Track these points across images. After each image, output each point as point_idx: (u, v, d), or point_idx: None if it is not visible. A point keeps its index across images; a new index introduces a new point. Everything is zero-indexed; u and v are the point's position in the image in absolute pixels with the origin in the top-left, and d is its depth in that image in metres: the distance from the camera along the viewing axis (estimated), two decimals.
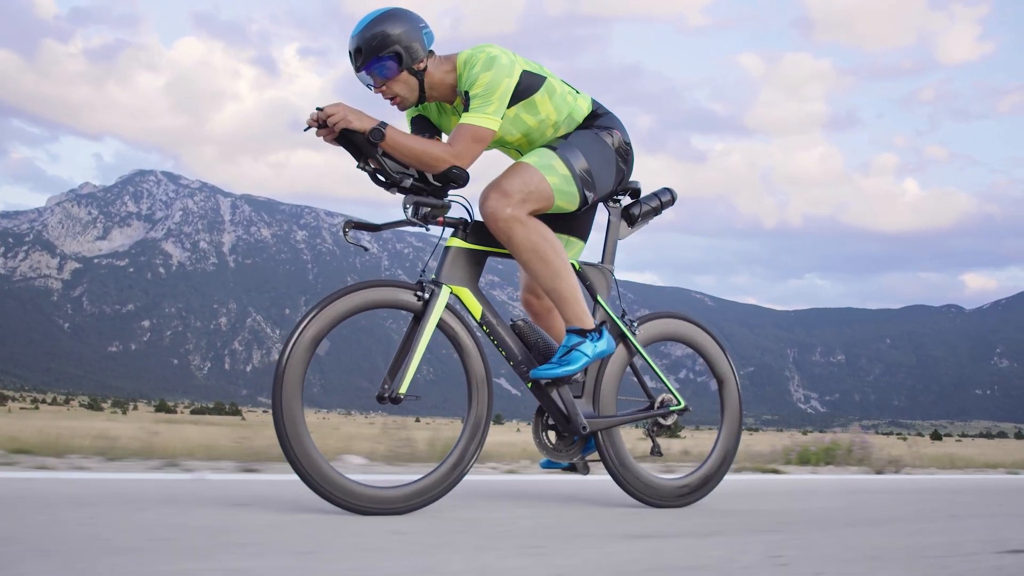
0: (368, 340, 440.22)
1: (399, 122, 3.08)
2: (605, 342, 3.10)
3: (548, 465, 3.28)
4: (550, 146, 3.09)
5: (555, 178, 3.02)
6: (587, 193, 3.10)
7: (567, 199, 3.07)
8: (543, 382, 3.05)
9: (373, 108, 2.93)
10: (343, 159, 2.85)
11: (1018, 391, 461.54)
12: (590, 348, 3.04)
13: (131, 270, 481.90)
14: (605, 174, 3.13)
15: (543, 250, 2.97)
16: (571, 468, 3.22)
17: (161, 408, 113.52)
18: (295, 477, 2.76)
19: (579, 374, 3.12)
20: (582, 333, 3.05)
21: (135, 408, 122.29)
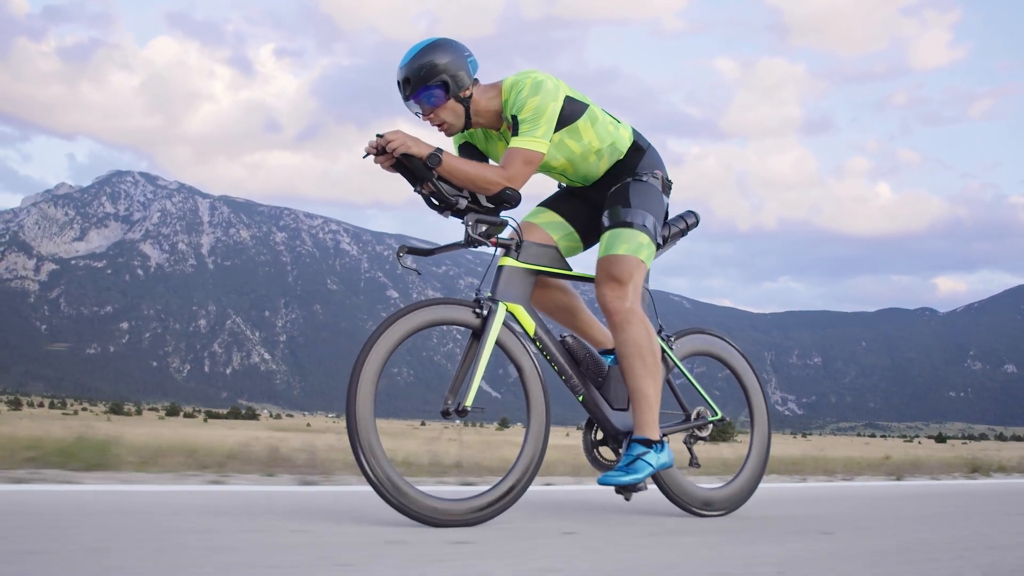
0: (349, 343, 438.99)
1: (450, 147, 3.33)
2: (666, 455, 3.21)
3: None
4: (625, 222, 3.22)
5: (644, 252, 3.21)
6: (659, 240, 3.32)
7: (651, 255, 3.28)
8: (613, 487, 3.14)
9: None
10: (318, 160, 3.77)
11: (991, 393, 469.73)
12: (654, 459, 3.14)
13: (109, 272, 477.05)
14: (661, 216, 3.35)
15: (646, 351, 3.13)
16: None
17: (172, 412, 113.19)
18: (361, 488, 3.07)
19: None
20: (648, 443, 3.14)
21: (139, 413, 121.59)
